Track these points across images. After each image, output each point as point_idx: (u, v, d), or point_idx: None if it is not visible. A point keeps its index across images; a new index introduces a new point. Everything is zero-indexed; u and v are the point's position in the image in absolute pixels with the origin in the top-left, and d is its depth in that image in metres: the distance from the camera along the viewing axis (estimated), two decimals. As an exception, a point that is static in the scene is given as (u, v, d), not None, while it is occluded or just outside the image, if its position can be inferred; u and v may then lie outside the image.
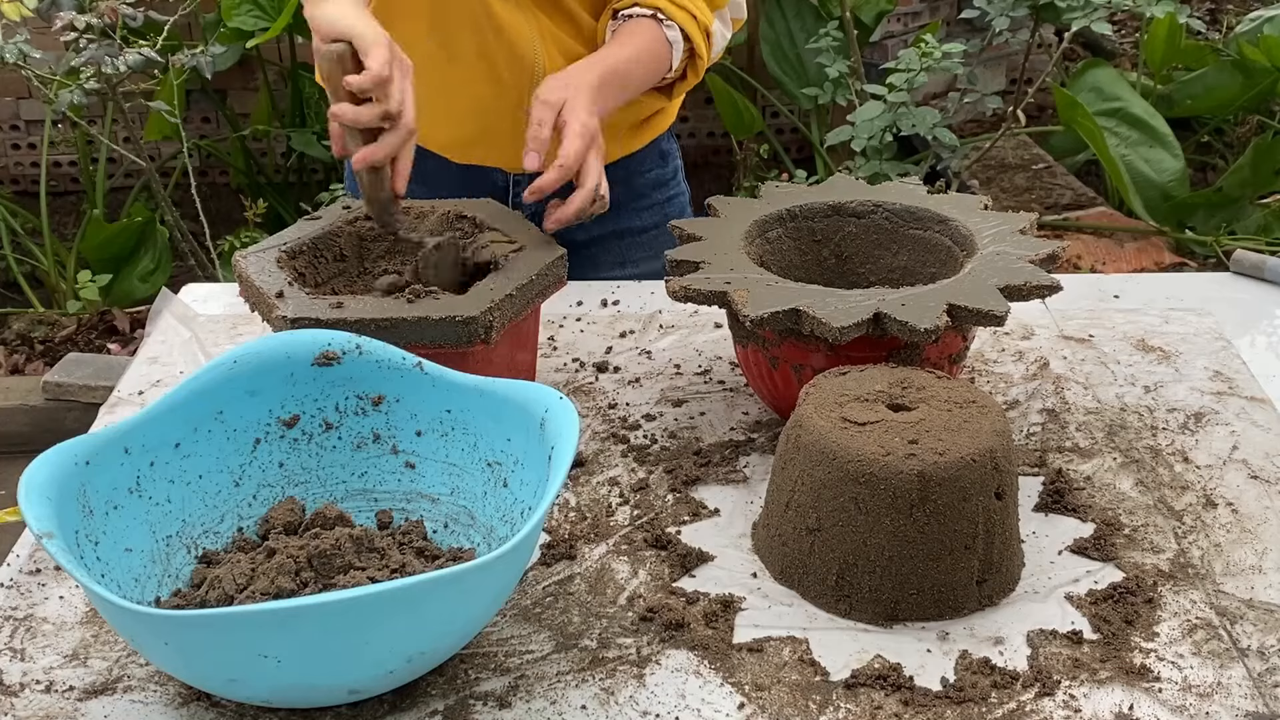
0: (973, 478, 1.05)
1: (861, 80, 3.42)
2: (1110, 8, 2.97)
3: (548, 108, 1.36)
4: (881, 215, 1.41)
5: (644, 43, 1.50)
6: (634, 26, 1.51)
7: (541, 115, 1.36)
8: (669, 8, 1.51)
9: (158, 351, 1.50)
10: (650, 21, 1.50)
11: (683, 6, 1.51)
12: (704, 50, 1.54)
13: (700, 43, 1.53)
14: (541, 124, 1.35)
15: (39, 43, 3.24)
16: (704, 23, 1.54)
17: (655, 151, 1.71)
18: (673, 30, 1.51)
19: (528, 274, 1.27)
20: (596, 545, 1.16)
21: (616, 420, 1.35)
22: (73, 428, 2.86)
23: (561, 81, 1.40)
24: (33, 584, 1.13)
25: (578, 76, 1.41)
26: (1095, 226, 3.45)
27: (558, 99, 1.37)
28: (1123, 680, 1.00)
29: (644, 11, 1.51)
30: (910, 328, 1.15)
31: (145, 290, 3.53)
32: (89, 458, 1.03)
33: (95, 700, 1.00)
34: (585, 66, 1.43)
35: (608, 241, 1.69)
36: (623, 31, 1.51)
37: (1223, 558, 1.14)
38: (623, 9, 1.52)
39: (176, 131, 3.31)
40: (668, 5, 1.51)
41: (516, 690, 1.00)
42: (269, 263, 1.30)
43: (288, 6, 3.48)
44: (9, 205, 3.78)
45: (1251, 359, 1.44)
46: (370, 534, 1.07)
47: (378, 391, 1.15)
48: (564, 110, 1.36)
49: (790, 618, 1.08)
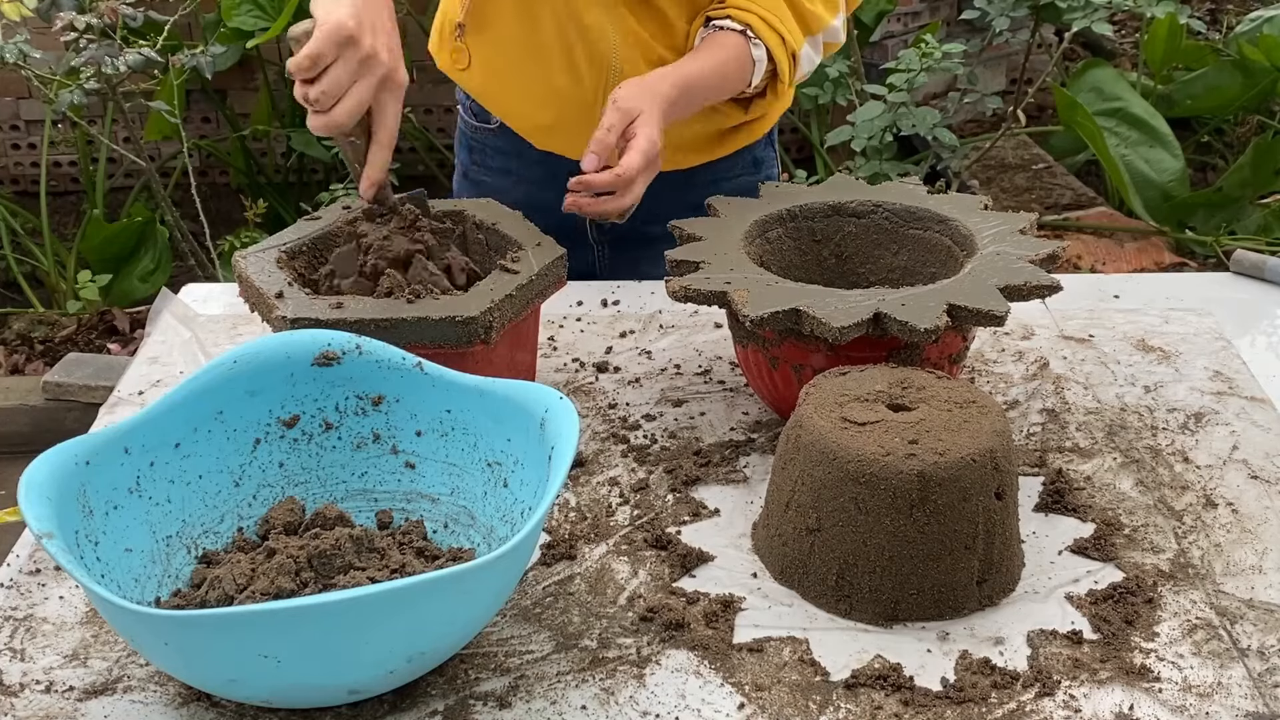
0: (973, 478, 1.05)
1: (861, 80, 3.42)
2: (1110, 8, 2.97)
3: (622, 115, 1.38)
4: (881, 215, 1.41)
5: (727, 57, 1.49)
6: (722, 39, 1.50)
7: (613, 121, 1.37)
8: (760, 26, 1.49)
9: (158, 351, 1.50)
10: (738, 36, 1.49)
11: (774, 28, 1.50)
12: (787, 74, 1.53)
13: (784, 65, 1.52)
14: (610, 129, 1.37)
15: (39, 43, 3.24)
16: (792, 46, 1.52)
17: (748, 158, 1.71)
18: (759, 49, 1.50)
19: (528, 274, 1.27)
20: (596, 545, 1.16)
21: (616, 420, 1.35)
22: (73, 428, 2.86)
23: (639, 89, 1.40)
24: (33, 584, 1.13)
25: (655, 85, 1.41)
26: (1095, 226, 3.45)
27: (633, 108, 1.38)
28: (1123, 680, 1.00)
29: (735, 26, 1.50)
30: (910, 328, 1.15)
31: (145, 290, 3.53)
32: (89, 458, 1.03)
33: (95, 700, 1.00)
34: (663, 76, 1.43)
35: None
36: (710, 42, 1.50)
37: (1223, 558, 1.14)
38: (716, 19, 1.52)
39: (176, 131, 3.31)
40: (759, 24, 1.49)
41: (516, 690, 1.00)
42: (269, 263, 1.30)
43: (288, 6, 3.48)
44: (9, 205, 3.78)
45: (1251, 359, 1.44)
46: (370, 534, 1.07)
47: (378, 391, 1.15)
48: (637, 121, 1.38)
49: (790, 618, 1.08)
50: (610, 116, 1.38)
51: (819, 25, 1.55)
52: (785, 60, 1.52)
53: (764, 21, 1.50)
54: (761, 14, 1.49)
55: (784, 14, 1.51)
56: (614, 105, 1.38)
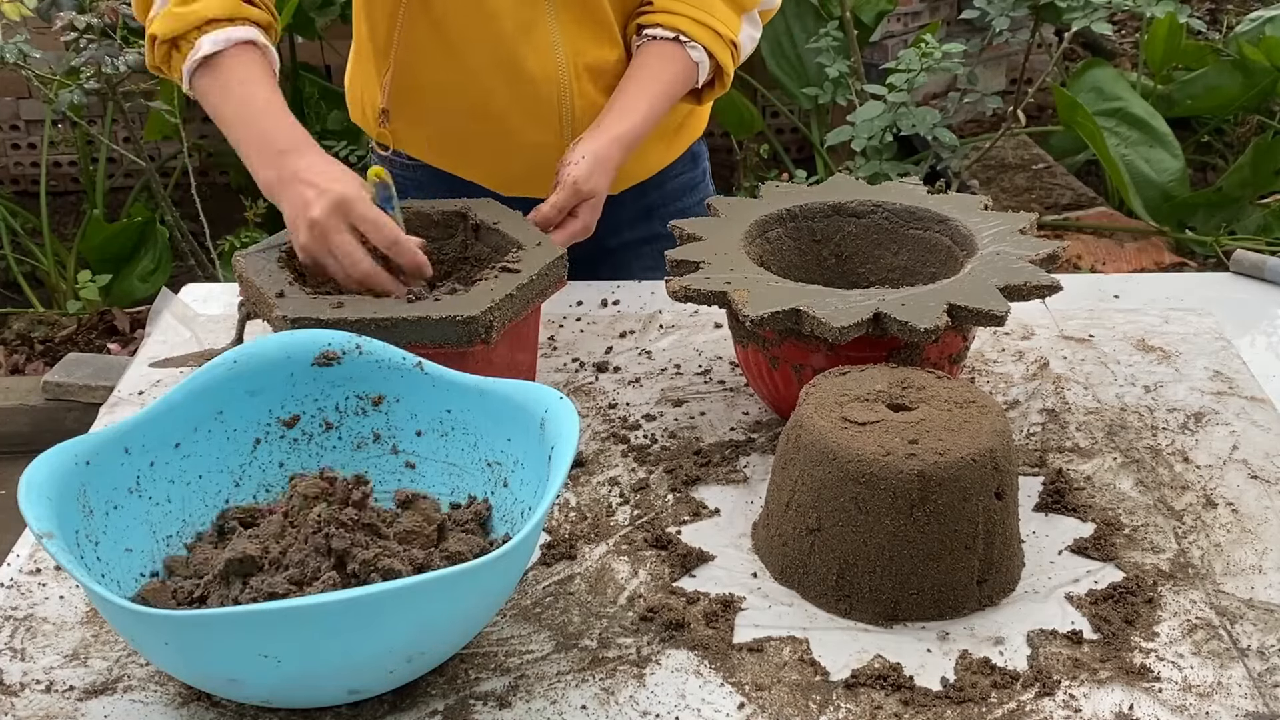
0: (973, 478, 1.05)
1: (861, 80, 3.42)
2: (1110, 8, 2.97)
3: (576, 198, 1.40)
4: (881, 215, 1.41)
5: (671, 73, 1.49)
6: (658, 51, 1.49)
7: (565, 202, 1.40)
8: (692, 28, 1.49)
9: (158, 351, 1.50)
10: (673, 46, 1.49)
11: (705, 24, 1.49)
12: (729, 64, 1.54)
13: (725, 58, 1.52)
14: (560, 210, 1.40)
15: (39, 43, 3.24)
16: (729, 35, 1.51)
17: (687, 155, 1.71)
18: (697, 50, 1.50)
19: (528, 274, 1.27)
20: (596, 545, 1.16)
21: (616, 420, 1.35)
22: (73, 428, 2.86)
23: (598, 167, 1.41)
24: (33, 584, 1.13)
25: (609, 155, 1.42)
26: (1095, 226, 3.45)
27: (591, 190, 1.40)
28: (1123, 680, 1.00)
29: (666, 34, 1.49)
30: (910, 328, 1.15)
31: (145, 290, 3.53)
32: (89, 458, 1.03)
33: (95, 700, 1.00)
34: (616, 140, 1.43)
35: (639, 246, 1.69)
36: (648, 57, 1.50)
37: (1223, 558, 1.14)
38: (646, 27, 1.51)
39: (176, 131, 3.31)
40: (690, 25, 1.49)
41: (516, 690, 1.00)
42: (269, 263, 1.30)
43: (288, 7, 3.48)
44: (9, 205, 3.78)
45: (1251, 359, 1.44)
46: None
47: (378, 391, 1.15)
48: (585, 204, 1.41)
49: (790, 618, 1.08)
50: (564, 196, 1.40)
51: (751, 2, 1.55)
52: (726, 53, 1.52)
53: (693, 21, 1.49)
54: (689, 13, 1.49)
55: (710, 4, 1.50)
56: (574, 185, 1.39)
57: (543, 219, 1.40)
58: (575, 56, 1.51)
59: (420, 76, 1.52)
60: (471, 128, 1.55)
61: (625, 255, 1.67)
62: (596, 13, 1.51)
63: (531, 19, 1.48)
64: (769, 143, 4.04)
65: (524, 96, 1.51)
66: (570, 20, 1.50)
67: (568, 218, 1.41)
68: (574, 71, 1.51)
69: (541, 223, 1.39)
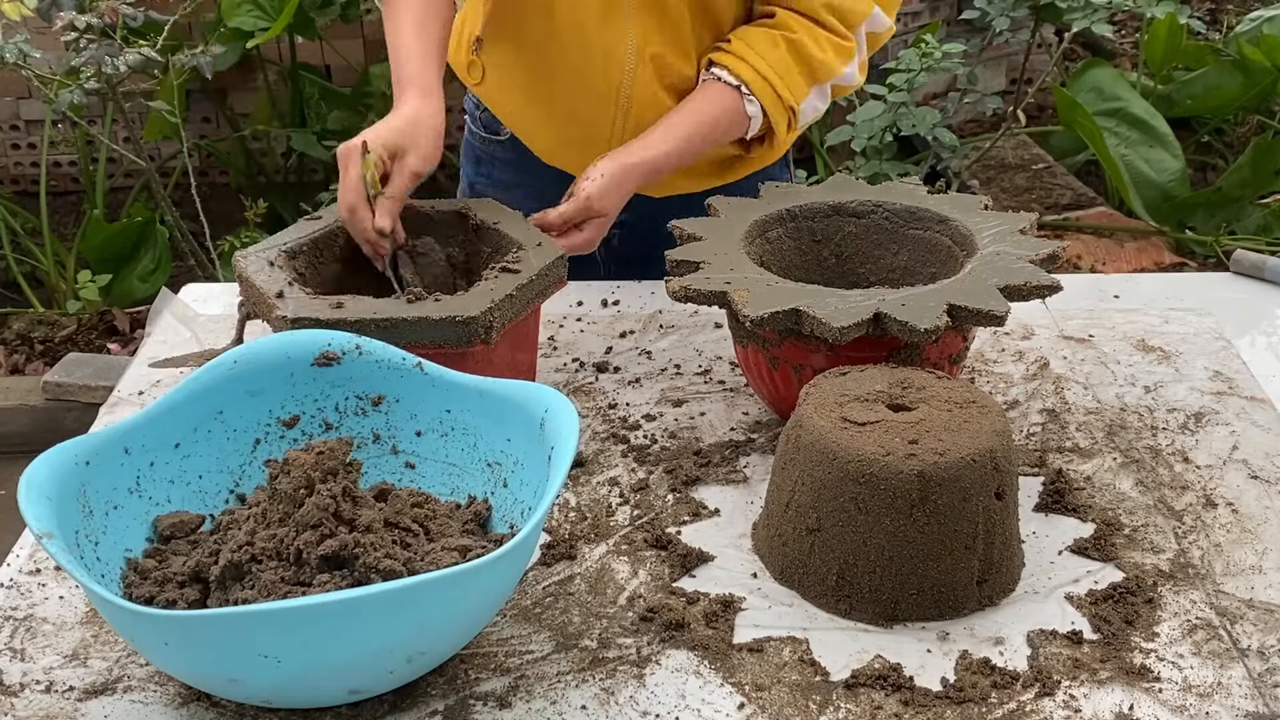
0: (973, 478, 1.05)
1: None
2: (1110, 8, 2.97)
3: (585, 213, 1.42)
4: (881, 215, 1.41)
5: (718, 114, 1.50)
6: (717, 93, 1.49)
7: (571, 214, 1.42)
8: (755, 82, 1.48)
9: (158, 351, 1.50)
10: (733, 93, 1.49)
11: (770, 83, 1.48)
12: (783, 131, 1.52)
13: (779, 122, 1.51)
14: (566, 221, 1.42)
15: (39, 43, 3.24)
16: (790, 101, 1.50)
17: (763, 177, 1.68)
18: (753, 105, 1.49)
19: (528, 274, 1.27)
20: (596, 545, 1.16)
21: (616, 420, 1.35)
22: (73, 428, 2.86)
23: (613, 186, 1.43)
24: (33, 584, 1.13)
25: (626, 179, 1.44)
26: (1095, 226, 3.45)
27: (601, 209, 1.43)
28: (1123, 680, 1.00)
29: (731, 80, 1.49)
30: (910, 328, 1.15)
31: (145, 290, 3.52)
32: (89, 458, 1.03)
33: (95, 700, 1.00)
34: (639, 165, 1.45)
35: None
36: (704, 95, 1.50)
37: (1223, 558, 1.14)
38: (716, 64, 1.50)
39: (176, 131, 3.31)
40: (755, 79, 1.48)
41: (516, 690, 1.00)
42: (269, 263, 1.30)
43: (288, 6, 3.48)
44: (9, 205, 3.77)
45: (1251, 359, 1.44)
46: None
47: (378, 392, 1.15)
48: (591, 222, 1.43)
49: (790, 618, 1.08)
50: (573, 209, 1.42)
51: (827, 75, 1.51)
52: (781, 117, 1.51)
53: (760, 77, 1.48)
54: (759, 68, 1.48)
55: (786, 66, 1.48)
56: (586, 201, 1.41)
57: (547, 225, 1.41)
58: (645, 48, 1.51)
59: (514, 15, 1.55)
60: (541, 82, 1.57)
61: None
62: (672, 19, 1.51)
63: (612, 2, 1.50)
64: (769, 143, 4.03)
65: (590, 67, 1.53)
66: (645, 16, 1.50)
67: (572, 229, 1.42)
68: (639, 59, 1.51)
69: (544, 228, 1.40)
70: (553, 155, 1.62)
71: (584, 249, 1.44)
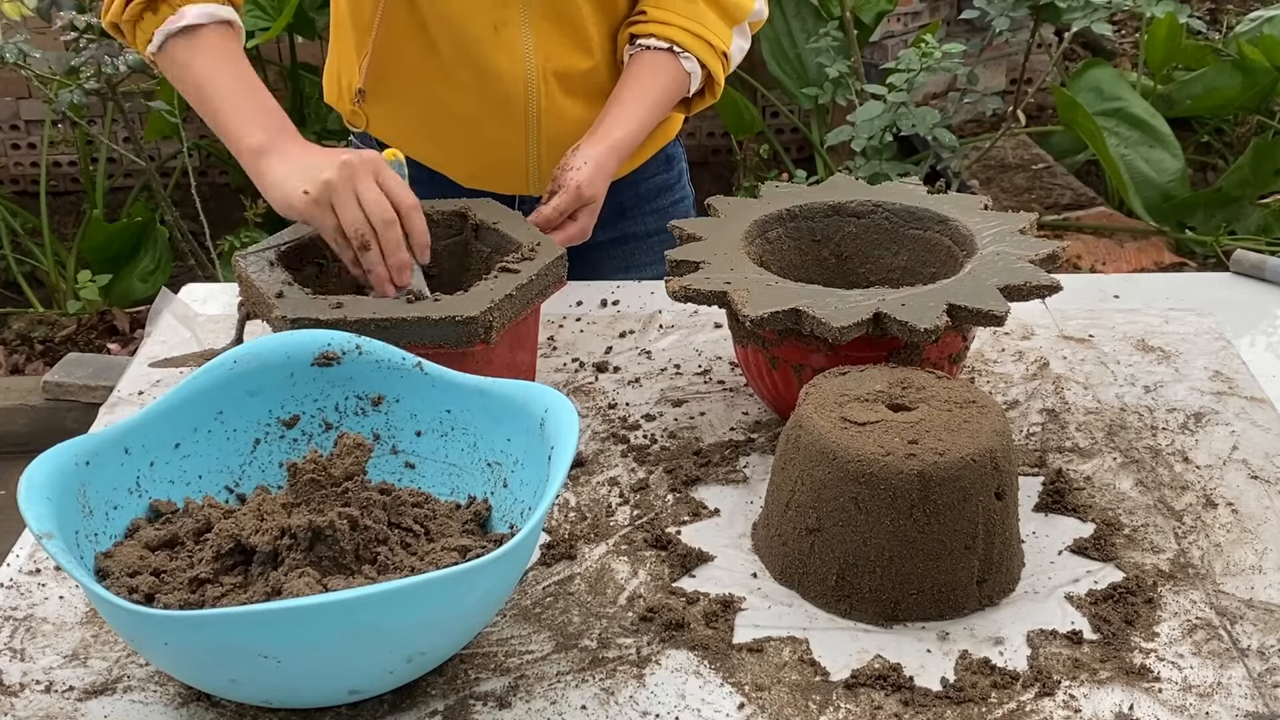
0: (973, 478, 1.05)
1: (861, 80, 3.42)
2: (1110, 8, 2.97)
3: (577, 202, 1.43)
4: (881, 215, 1.41)
5: (663, 84, 1.52)
6: (651, 61, 1.51)
7: (566, 205, 1.42)
8: (685, 39, 1.51)
9: (158, 351, 1.50)
10: (667, 56, 1.51)
11: (699, 36, 1.51)
12: (721, 75, 1.56)
13: (717, 69, 1.54)
14: (561, 213, 1.43)
15: (39, 43, 3.24)
16: (721, 46, 1.53)
17: (661, 157, 1.71)
18: (690, 61, 1.52)
19: (528, 274, 1.27)
20: (596, 545, 1.16)
21: (616, 420, 1.35)
22: (73, 428, 2.86)
23: (598, 172, 1.44)
24: (33, 584, 1.13)
25: (607, 163, 1.45)
26: (1095, 226, 3.45)
27: (593, 196, 1.44)
28: (1123, 680, 1.00)
29: (660, 44, 1.51)
30: (910, 328, 1.15)
31: (145, 290, 3.53)
32: (89, 458, 1.03)
33: (95, 700, 1.00)
34: (613, 149, 1.46)
35: (611, 247, 1.69)
36: (640, 67, 1.52)
37: (1223, 558, 1.14)
38: (639, 36, 1.52)
39: (176, 131, 3.31)
40: (683, 36, 1.51)
41: (516, 690, 1.00)
42: (268, 263, 1.30)
43: (288, 6, 3.48)
44: (9, 205, 3.78)
45: (1251, 359, 1.44)
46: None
47: (378, 391, 1.15)
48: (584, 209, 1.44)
49: (790, 618, 1.08)
50: (566, 200, 1.43)
51: (742, 13, 1.56)
52: (718, 64, 1.55)
53: (687, 33, 1.51)
54: (683, 24, 1.51)
55: (703, 15, 1.52)
56: (577, 190, 1.42)
57: (544, 221, 1.42)
58: (545, 61, 1.52)
59: (397, 60, 1.53)
60: (439, 117, 1.56)
61: (596, 254, 1.67)
62: (571, 21, 1.52)
63: (504, 18, 1.49)
64: (769, 143, 4.04)
65: (491, 92, 1.52)
66: (543, 24, 1.51)
67: (567, 221, 1.43)
68: (542, 75, 1.52)
69: (542, 225, 1.41)
70: (473, 180, 1.60)
71: (579, 239, 1.45)
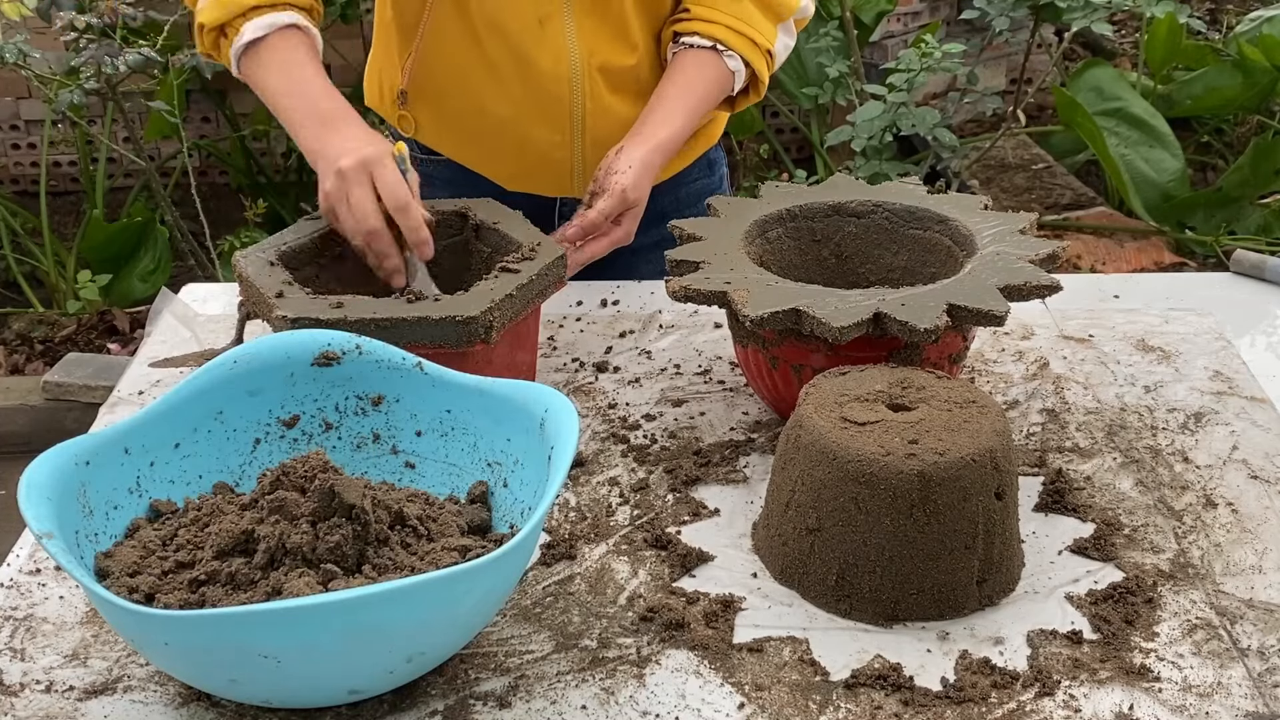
0: (973, 478, 1.05)
1: (861, 80, 3.42)
2: (1110, 8, 2.97)
3: (622, 205, 1.42)
4: (881, 215, 1.41)
5: (706, 82, 1.51)
6: (695, 60, 1.50)
7: (611, 209, 1.42)
8: (729, 37, 1.50)
9: (158, 351, 1.50)
10: (710, 54, 1.50)
11: (743, 34, 1.50)
12: (765, 73, 1.55)
13: (761, 67, 1.53)
14: (607, 217, 1.42)
15: (39, 43, 3.24)
16: (765, 45, 1.52)
17: (703, 161, 1.71)
18: (734, 59, 1.51)
19: (528, 274, 1.27)
20: (596, 545, 1.16)
21: (616, 420, 1.35)
22: (73, 428, 2.86)
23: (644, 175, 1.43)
24: (33, 584, 1.13)
25: (652, 160, 1.45)
26: (1095, 226, 3.45)
27: (638, 199, 1.43)
28: (1123, 680, 1.00)
29: (704, 43, 1.50)
30: (910, 328, 1.15)
31: (145, 290, 3.53)
32: (89, 458, 1.03)
33: (95, 700, 1.00)
34: (658, 148, 1.46)
35: (649, 251, 1.67)
36: (684, 68, 1.51)
37: (1223, 558, 1.14)
38: (684, 34, 1.52)
39: (176, 131, 3.31)
40: (727, 34, 1.50)
41: (516, 690, 1.00)
42: (269, 263, 1.30)
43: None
44: (9, 205, 3.78)
45: (1251, 359, 1.44)
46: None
47: (378, 391, 1.15)
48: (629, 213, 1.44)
49: (790, 618, 1.08)
50: (612, 204, 1.42)
51: (788, 10, 1.55)
52: (762, 63, 1.53)
53: (731, 31, 1.50)
54: (727, 22, 1.50)
55: (748, 13, 1.51)
56: (622, 193, 1.41)
57: (589, 225, 1.41)
58: (589, 57, 1.51)
59: (442, 61, 1.53)
60: (483, 119, 1.56)
61: (635, 259, 1.67)
62: (615, 16, 1.51)
63: (548, 13, 1.49)
64: (769, 143, 4.04)
65: (535, 92, 1.52)
66: (587, 20, 1.50)
67: (610, 225, 1.43)
68: (586, 71, 1.51)
69: (588, 229, 1.41)
70: (515, 181, 1.60)
71: (623, 243, 1.45)
